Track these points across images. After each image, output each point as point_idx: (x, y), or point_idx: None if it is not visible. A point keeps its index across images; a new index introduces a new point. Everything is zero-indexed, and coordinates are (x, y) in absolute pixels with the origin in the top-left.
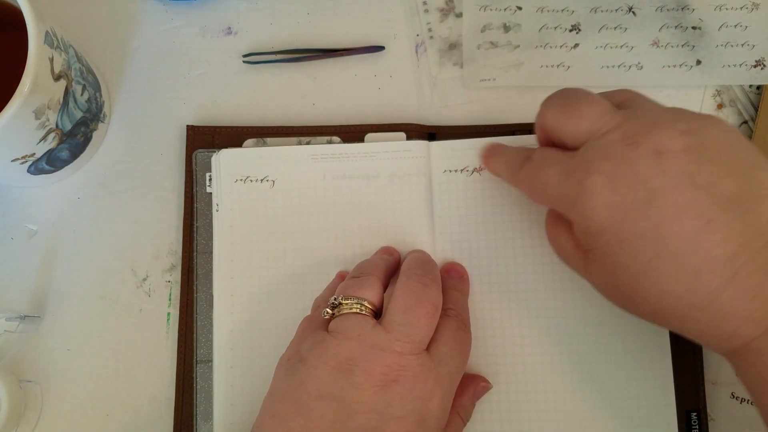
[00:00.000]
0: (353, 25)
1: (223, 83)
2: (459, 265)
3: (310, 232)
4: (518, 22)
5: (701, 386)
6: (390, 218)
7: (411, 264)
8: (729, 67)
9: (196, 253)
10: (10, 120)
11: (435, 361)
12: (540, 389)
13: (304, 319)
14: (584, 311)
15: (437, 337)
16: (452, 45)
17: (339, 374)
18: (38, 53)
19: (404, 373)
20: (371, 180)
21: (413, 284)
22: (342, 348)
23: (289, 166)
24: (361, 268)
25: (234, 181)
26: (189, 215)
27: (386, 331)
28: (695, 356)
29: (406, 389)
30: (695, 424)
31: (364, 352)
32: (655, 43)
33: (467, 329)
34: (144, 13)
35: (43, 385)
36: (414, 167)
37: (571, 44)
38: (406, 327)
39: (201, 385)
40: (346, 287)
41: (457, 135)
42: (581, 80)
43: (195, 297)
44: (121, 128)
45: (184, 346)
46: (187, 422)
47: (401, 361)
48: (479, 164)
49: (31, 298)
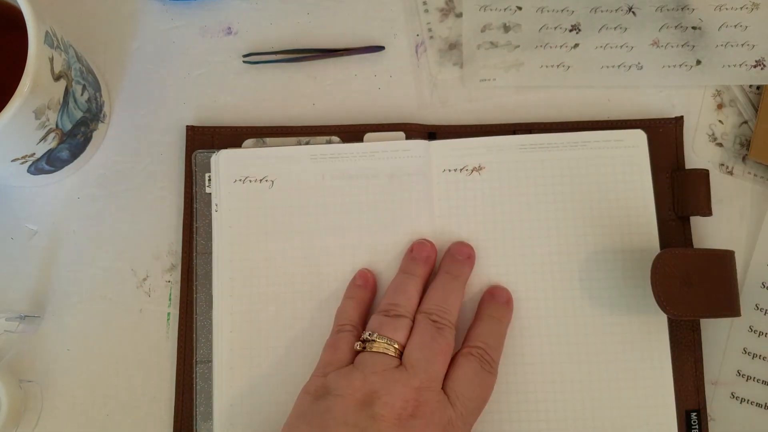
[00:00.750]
0: (353, 25)
1: (223, 83)
2: (506, 290)
3: (309, 232)
4: (518, 22)
5: (701, 386)
6: (389, 218)
7: (430, 300)
8: (729, 67)
9: (195, 253)
10: (10, 120)
11: (451, 400)
12: (539, 389)
13: (327, 344)
14: (583, 311)
15: (457, 377)
16: (452, 45)
17: (363, 406)
18: (38, 53)
19: (422, 408)
20: (370, 180)
21: (427, 325)
22: (367, 382)
23: (288, 166)
24: (396, 304)
25: (233, 181)
26: (189, 216)
27: (406, 368)
28: (695, 357)
29: (423, 423)
30: (695, 424)
31: (387, 386)
32: (655, 43)
33: (492, 370)
34: (144, 13)
35: (43, 385)
36: (413, 167)
37: (571, 44)
38: (423, 363)
39: (201, 385)
40: (381, 325)
41: (457, 134)
42: (581, 80)
43: (195, 297)
44: (121, 128)
45: (184, 346)
46: (186, 422)
47: (419, 396)
48: (478, 163)
49: (31, 298)
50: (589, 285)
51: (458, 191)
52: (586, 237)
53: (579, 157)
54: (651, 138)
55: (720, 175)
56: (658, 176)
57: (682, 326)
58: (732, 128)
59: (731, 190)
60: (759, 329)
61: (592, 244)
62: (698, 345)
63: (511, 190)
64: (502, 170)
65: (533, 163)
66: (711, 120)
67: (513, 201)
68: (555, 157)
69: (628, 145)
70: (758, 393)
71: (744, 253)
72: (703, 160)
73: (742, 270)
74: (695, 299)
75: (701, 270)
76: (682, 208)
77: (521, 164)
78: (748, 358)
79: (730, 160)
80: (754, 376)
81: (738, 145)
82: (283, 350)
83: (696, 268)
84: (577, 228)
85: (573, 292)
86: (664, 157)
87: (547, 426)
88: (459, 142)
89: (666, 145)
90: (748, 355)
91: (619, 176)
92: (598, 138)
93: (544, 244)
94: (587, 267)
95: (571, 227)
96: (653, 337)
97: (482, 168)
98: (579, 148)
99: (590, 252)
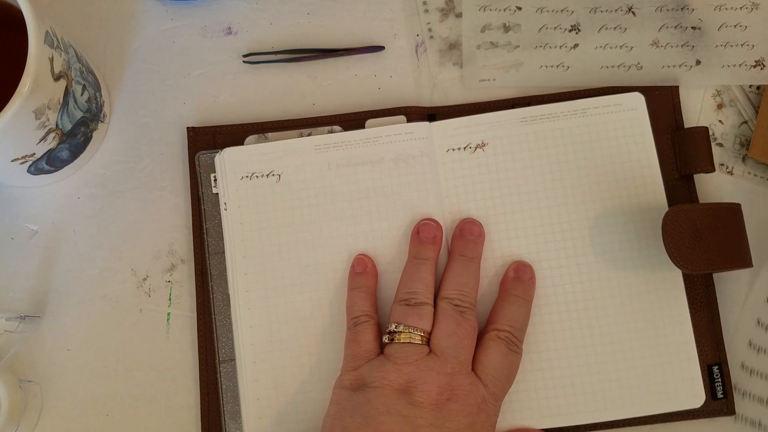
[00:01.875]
0: (353, 25)
1: (223, 83)
2: (529, 267)
3: (319, 222)
4: (518, 22)
5: (720, 340)
6: (398, 201)
7: (449, 285)
8: (728, 67)
9: (208, 254)
10: (10, 120)
11: (483, 381)
12: (562, 356)
13: (348, 339)
14: (598, 275)
15: (487, 360)
16: (452, 45)
17: (401, 394)
18: (38, 53)
19: (456, 392)
20: (376, 165)
21: (451, 312)
22: (402, 372)
23: (293, 158)
24: (416, 292)
25: (240, 178)
26: (197, 218)
27: (436, 356)
28: (712, 311)
29: (460, 406)
30: (718, 377)
31: (422, 375)
32: (655, 43)
33: (518, 350)
34: (144, 13)
35: (43, 385)
36: (417, 149)
37: (571, 44)
38: (452, 349)
39: (226, 384)
40: (406, 316)
41: (457, 114)
42: (581, 80)
43: (212, 298)
44: (121, 128)
45: (205, 347)
46: (214, 423)
47: (453, 381)
48: (481, 140)
49: (31, 298)
50: (601, 249)
51: (463, 169)
52: (595, 203)
53: (580, 124)
54: (649, 102)
55: (720, 175)
56: (659, 138)
57: (696, 282)
58: (732, 128)
59: (731, 190)
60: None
61: (601, 209)
62: (714, 300)
63: (516, 164)
64: (505, 145)
65: (535, 135)
66: (711, 120)
67: (519, 174)
68: (556, 126)
69: (626, 108)
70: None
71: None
72: None
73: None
74: (707, 253)
75: (711, 223)
76: (685, 166)
77: (523, 137)
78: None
79: (730, 160)
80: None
81: (738, 145)
82: (303, 340)
83: (705, 222)
84: (585, 194)
85: (587, 258)
86: (663, 119)
87: (573, 390)
88: (460, 120)
89: (664, 107)
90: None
91: (621, 140)
92: (597, 104)
93: (553, 213)
94: (598, 232)
95: (579, 194)
96: (670, 294)
97: (485, 144)
98: (579, 116)
99: (600, 216)
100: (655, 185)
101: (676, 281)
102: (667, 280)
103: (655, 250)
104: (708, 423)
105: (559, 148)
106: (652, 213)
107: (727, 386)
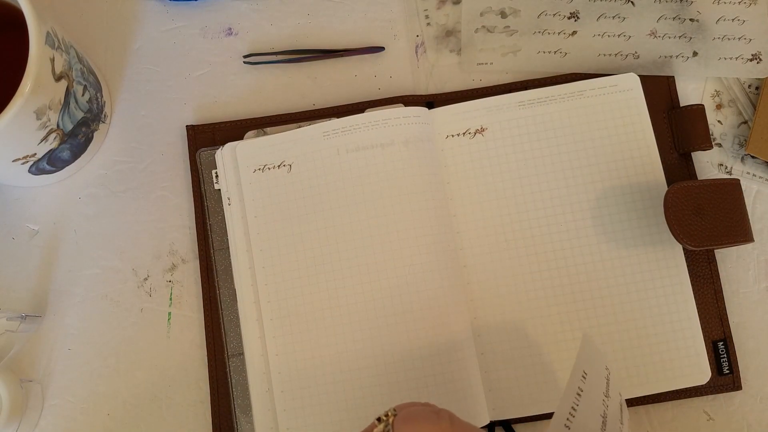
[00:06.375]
0: (353, 26)
1: (224, 84)
2: None
3: (333, 209)
4: (517, 7)
5: (724, 316)
6: (410, 184)
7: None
8: (725, 60)
9: (213, 250)
10: (12, 120)
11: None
12: (569, 338)
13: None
14: (601, 256)
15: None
16: (449, 32)
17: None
18: (39, 54)
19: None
20: (386, 148)
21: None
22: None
23: (302, 147)
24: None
25: (253, 171)
26: (201, 215)
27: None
28: (714, 288)
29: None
30: (723, 353)
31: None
32: (653, 34)
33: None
34: (145, 13)
35: (44, 385)
36: (425, 133)
37: (569, 31)
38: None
39: (236, 378)
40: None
41: (454, 101)
42: (578, 67)
43: (218, 294)
44: (122, 128)
45: (213, 343)
46: (225, 417)
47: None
48: (480, 125)
49: (32, 298)
50: (603, 230)
51: (463, 155)
52: (594, 184)
53: (577, 106)
54: (644, 84)
55: (720, 175)
56: (656, 118)
57: (698, 260)
58: (731, 128)
59: None
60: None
61: (600, 190)
62: (716, 276)
63: (515, 147)
64: (504, 129)
65: (534, 118)
66: (710, 120)
67: (518, 157)
68: (554, 109)
69: (622, 89)
70: None
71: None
72: (702, 160)
73: (748, 248)
74: (710, 228)
75: (711, 199)
76: (683, 144)
77: (522, 120)
78: None
79: (729, 161)
80: None
81: (737, 146)
82: (323, 330)
83: (706, 198)
84: (585, 176)
85: (589, 239)
86: (658, 99)
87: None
88: (459, 106)
89: (659, 88)
90: None
91: (618, 120)
92: (593, 86)
93: (555, 196)
94: (599, 213)
95: (579, 176)
96: (672, 272)
97: (484, 129)
98: (576, 98)
99: (600, 197)
100: (654, 164)
101: (678, 259)
102: (669, 258)
103: (656, 228)
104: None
105: (557, 131)
106: (651, 192)
107: (733, 361)
